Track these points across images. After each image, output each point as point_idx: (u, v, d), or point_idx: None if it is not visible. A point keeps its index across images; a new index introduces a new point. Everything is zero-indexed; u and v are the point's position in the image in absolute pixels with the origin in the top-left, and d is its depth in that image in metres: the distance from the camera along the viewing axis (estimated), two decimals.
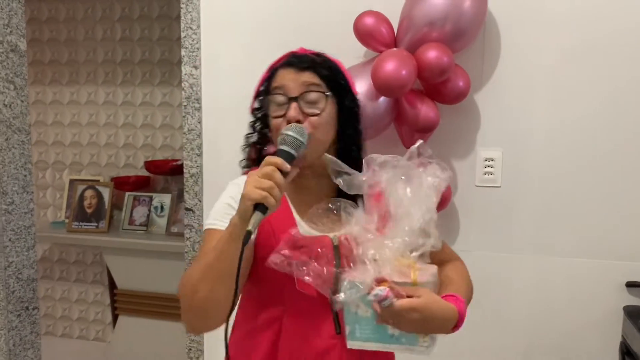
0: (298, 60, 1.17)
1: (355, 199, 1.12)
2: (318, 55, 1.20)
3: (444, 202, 1.80)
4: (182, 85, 2.08)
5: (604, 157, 1.80)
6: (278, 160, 1.01)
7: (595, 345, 1.85)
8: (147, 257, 3.08)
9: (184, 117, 2.10)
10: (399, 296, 1.01)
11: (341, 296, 1.03)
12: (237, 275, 0.96)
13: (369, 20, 1.72)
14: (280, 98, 1.14)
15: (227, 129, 2.03)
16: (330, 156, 1.10)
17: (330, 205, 1.11)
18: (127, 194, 3.22)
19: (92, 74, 3.53)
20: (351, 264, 1.06)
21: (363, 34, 1.73)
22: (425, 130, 1.68)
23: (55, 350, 3.43)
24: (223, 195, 1.19)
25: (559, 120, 1.81)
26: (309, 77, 1.14)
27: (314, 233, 1.14)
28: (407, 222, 1.04)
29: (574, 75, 1.79)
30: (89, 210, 3.24)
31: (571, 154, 1.82)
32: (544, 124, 1.82)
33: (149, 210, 3.17)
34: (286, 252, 1.05)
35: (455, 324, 1.08)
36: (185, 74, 2.08)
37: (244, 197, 0.98)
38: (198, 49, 2.05)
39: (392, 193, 1.06)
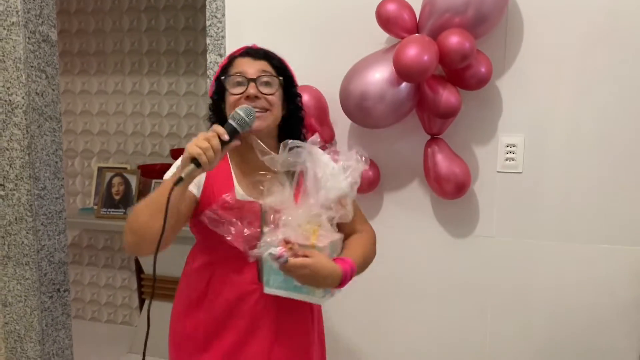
0: (254, 52, 1.42)
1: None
2: (268, 51, 1.45)
3: (462, 188, 1.82)
4: (208, 73, 2.13)
5: (627, 144, 1.79)
6: (220, 129, 1.24)
7: (618, 332, 1.85)
8: (173, 243, 3.14)
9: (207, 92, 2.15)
10: (295, 255, 1.25)
11: (253, 252, 1.30)
12: (166, 211, 1.17)
13: (391, 7, 1.73)
14: (240, 79, 1.37)
15: None
16: (255, 139, 1.34)
17: (263, 176, 1.35)
18: (154, 181, 3.28)
19: (119, 64, 3.61)
20: (271, 227, 1.32)
21: (385, 20, 1.75)
22: (446, 115, 1.70)
23: (85, 333, 3.53)
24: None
25: (581, 106, 1.81)
26: (263, 64, 1.40)
27: (248, 199, 1.38)
28: (317, 196, 1.31)
29: (598, 60, 1.79)
30: (116, 197, 3.32)
31: (593, 140, 1.82)
32: (566, 110, 1.82)
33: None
34: (218, 211, 1.31)
35: (340, 282, 1.32)
36: (211, 62, 2.12)
37: (185, 150, 1.22)
38: (223, 37, 2.09)
39: (308, 172, 1.32)
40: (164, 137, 3.59)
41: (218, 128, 1.24)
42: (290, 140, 1.33)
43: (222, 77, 1.40)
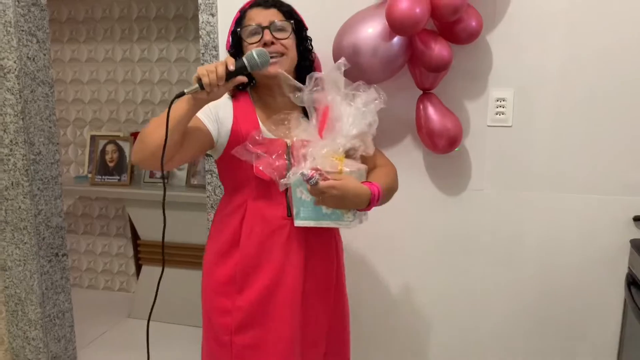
0: (263, 1, 1.52)
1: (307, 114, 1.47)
2: None
3: (454, 142, 1.86)
4: (200, 33, 2.13)
5: (615, 95, 1.83)
6: (230, 59, 1.33)
7: (604, 277, 1.93)
8: (169, 209, 3.17)
9: (202, 64, 2.16)
10: (325, 179, 1.36)
11: (283, 180, 1.39)
12: (167, 120, 1.29)
13: None
14: (254, 28, 1.47)
15: None
16: (284, 73, 1.45)
17: (286, 114, 1.47)
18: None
19: (109, 31, 3.58)
20: (298, 161, 1.40)
21: None
22: (438, 69, 1.73)
23: (83, 300, 3.58)
24: None
25: (570, 59, 1.84)
26: (274, 12, 1.50)
27: (273, 137, 1.49)
28: (342, 129, 1.39)
29: (586, 13, 1.81)
30: (110, 164, 3.34)
31: (582, 93, 1.85)
32: (555, 63, 1.85)
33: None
34: (249, 146, 1.41)
35: (369, 202, 1.42)
36: (202, 22, 2.12)
37: (198, 70, 1.31)
38: None
39: (333, 107, 1.41)
40: (156, 104, 3.59)
41: (227, 58, 1.34)
42: (317, 73, 1.43)
43: (238, 30, 1.50)
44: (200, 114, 1.44)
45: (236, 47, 1.54)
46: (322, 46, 1.90)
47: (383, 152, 1.72)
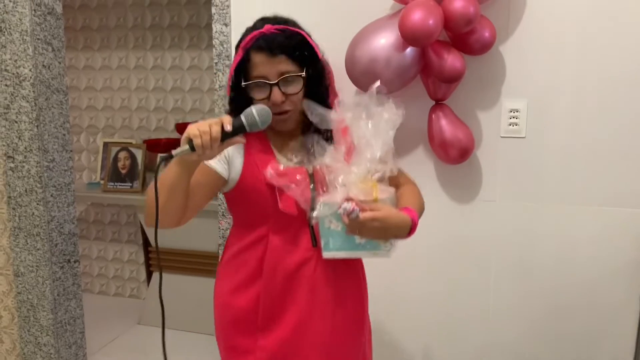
0: (268, 45, 1.29)
1: (326, 137, 1.35)
2: (284, 31, 1.32)
3: (466, 153, 1.85)
4: (213, 42, 2.14)
5: (629, 108, 1.81)
6: (226, 118, 1.18)
7: (618, 293, 1.90)
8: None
9: (215, 74, 2.17)
10: (363, 210, 1.23)
11: (316, 212, 1.26)
12: (155, 188, 1.17)
13: None
14: (261, 83, 1.29)
15: None
16: (307, 101, 1.31)
17: (305, 141, 1.35)
18: (159, 155, 3.32)
19: (123, 39, 3.62)
20: (324, 189, 1.29)
21: None
22: (451, 80, 1.72)
23: (93, 306, 3.59)
24: None
25: (584, 71, 1.83)
26: (283, 63, 1.29)
27: (292, 165, 1.35)
28: (369, 152, 1.26)
29: (602, 25, 1.80)
30: (123, 171, 3.36)
31: (595, 105, 1.84)
32: (570, 74, 1.84)
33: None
34: (272, 178, 1.29)
35: (409, 230, 1.31)
36: (216, 32, 2.14)
37: (187, 128, 1.17)
38: (228, 6, 2.10)
39: (355, 128, 1.28)
40: (168, 111, 3.61)
41: (225, 117, 1.19)
42: (345, 98, 1.32)
43: (243, 85, 1.32)
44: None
45: (238, 92, 1.35)
46: (335, 56, 1.91)
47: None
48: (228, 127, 1.16)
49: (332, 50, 1.91)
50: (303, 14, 2.02)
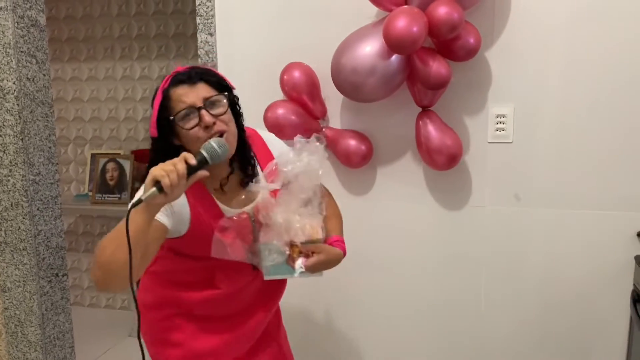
0: (186, 77, 1.32)
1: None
2: (194, 68, 1.36)
3: (454, 159, 1.85)
4: (199, 52, 2.13)
5: (617, 109, 1.81)
6: (188, 155, 1.18)
7: (608, 294, 1.89)
8: None
9: None
10: (307, 255, 1.36)
11: (268, 267, 1.38)
12: (128, 237, 1.12)
13: None
14: (188, 111, 1.29)
15: (243, 94, 2.08)
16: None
17: (236, 179, 1.41)
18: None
19: (109, 49, 3.59)
20: (264, 228, 1.37)
21: None
22: (437, 86, 1.72)
23: (84, 319, 3.55)
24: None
25: (570, 75, 1.83)
26: (203, 89, 1.32)
27: (236, 210, 1.41)
28: (300, 192, 1.36)
29: (586, 29, 1.80)
30: (111, 182, 3.33)
31: (582, 109, 1.84)
32: (556, 79, 1.84)
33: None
34: (218, 236, 1.34)
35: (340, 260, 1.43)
36: (201, 42, 2.13)
37: (150, 172, 1.15)
38: (212, 16, 2.09)
39: (284, 172, 1.36)
40: None
41: (185, 154, 1.18)
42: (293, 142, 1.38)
43: (171, 118, 1.30)
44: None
45: (167, 132, 1.33)
46: (320, 65, 1.91)
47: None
48: (193, 161, 1.17)
49: (318, 59, 1.93)
50: (287, 23, 2.03)
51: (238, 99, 1.42)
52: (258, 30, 2.07)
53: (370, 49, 1.73)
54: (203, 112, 1.29)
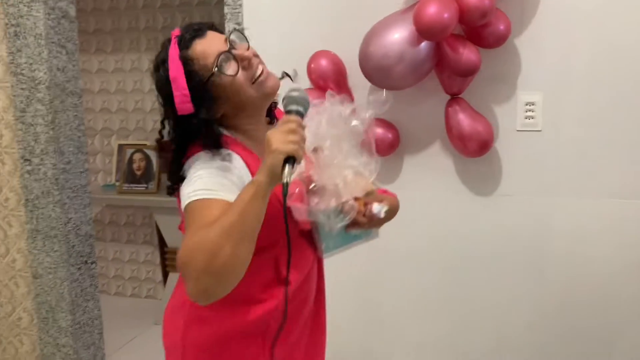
0: (193, 32, 1.16)
1: None
2: (187, 26, 1.21)
3: (485, 145, 1.84)
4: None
5: None
6: (299, 118, 1.04)
7: (635, 285, 1.87)
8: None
9: None
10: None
11: (327, 239, 1.25)
12: (286, 223, 1.02)
13: None
14: (224, 58, 1.13)
15: None
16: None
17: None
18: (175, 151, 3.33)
19: (135, 41, 3.64)
20: (317, 194, 1.20)
21: None
22: (467, 73, 1.71)
23: (110, 307, 3.61)
24: (199, 170, 1.10)
25: (598, 61, 1.81)
26: (213, 34, 1.17)
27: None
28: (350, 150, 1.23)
29: (614, 18, 1.78)
30: (138, 173, 3.38)
31: (612, 96, 1.82)
32: (584, 66, 1.83)
33: None
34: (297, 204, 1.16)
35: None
36: (228, 31, 2.13)
37: (275, 152, 0.98)
38: (240, 5, 2.11)
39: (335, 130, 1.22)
40: None
41: (294, 117, 1.04)
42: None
43: (214, 70, 1.12)
44: (229, 194, 1.05)
45: (205, 100, 1.14)
46: (347, 54, 1.91)
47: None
48: (302, 121, 1.04)
49: (345, 47, 1.92)
50: (314, 11, 2.03)
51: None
52: (285, 19, 2.07)
53: (399, 36, 1.73)
54: (242, 48, 1.14)
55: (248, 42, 1.18)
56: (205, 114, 1.13)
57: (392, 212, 1.28)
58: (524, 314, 2.01)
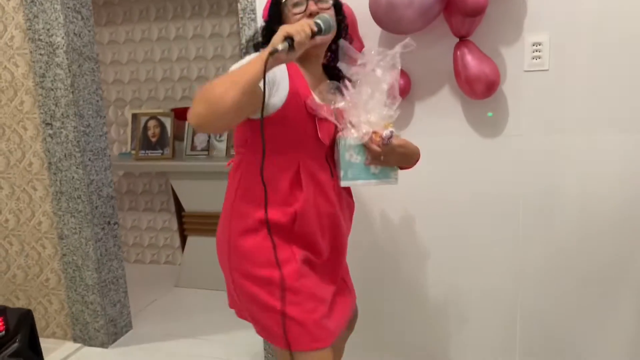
0: None
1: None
2: None
3: (492, 87, 1.89)
4: (238, 5, 2.20)
5: None
6: (310, 21, 1.35)
7: None
8: (211, 179, 3.28)
9: (241, 28, 2.23)
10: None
11: (346, 168, 1.50)
12: (264, 78, 1.26)
13: None
14: (298, 0, 1.47)
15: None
16: (346, 43, 1.53)
17: (330, 84, 1.53)
18: (187, 122, 3.40)
19: (145, 11, 3.69)
20: (345, 127, 1.50)
21: None
22: (475, 12, 1.76)
23: (130, 274, 3.70)
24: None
25: (605, 2, 1.85)
26: None
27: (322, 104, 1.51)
28: (383, 100, 1.50)
29: None
30: (153, 139, 3.46)
31: (616, 35, 1.86)
32: (590, 6, 1.87)
33: (209, 136, 3.36)
34: (315, 103, 1.47)
35: (417, 159, 1.57)
36: (240, 10, 2.19)
37: (281, 30, 1.28)
38: None
39: (372, 79, 1.49)
40: (193, 80, 3.69)
41: (308, 20, 1.37)
42: (374, 51, 1.49)
43: (283, 1, 1.49)
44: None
45: (275, 17, 1.52)
46: (357, 3, 1.96)
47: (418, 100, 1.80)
48: (315, 28, 1.34)
49: None
50: None
51: (341, 4, 1.59)
52: None
53: None
54: (311, 2, 1.46)
55: (330, 5, 1.50)
56: (270, 26, 1.50)
57: (409, 157, 1.53)
58: (539, 252, 2.08)
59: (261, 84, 1.29)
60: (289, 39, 1.27)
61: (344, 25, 1.59)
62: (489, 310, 2.18)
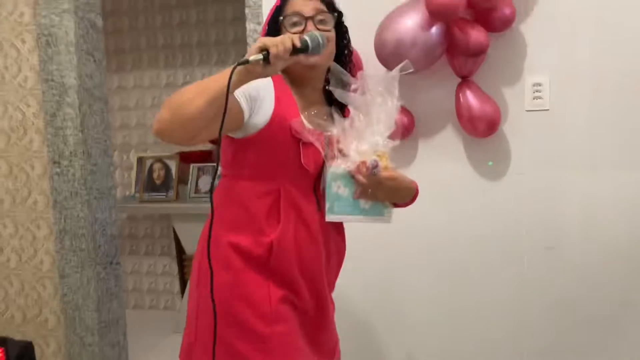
0: None
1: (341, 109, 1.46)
2: None
3: (494, 126, 1.94)
4: (247, 40, 2.28)
5: None
6: (294, 36, 1.25)
7: None
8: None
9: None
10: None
11: (332, 202, 1.37)
12: (227, 92, 1.16)
13: None
14: (297, 19, 1.40)
15: None
16: (337, 65, 1.43)
17: (321, 109, 1.43)
18: (192, 165, 3.44)
19: (154, 59, 3.80)
20: (335, 156, 1.38)
21: None
22: (476, 53, 1.83)
23: (129, 320, 3.65)
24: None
25: (602, 42, 1.93)
26: (317, 3, 1.42)
27: (312, 128, 1.41)
28: (380, 126, 1.38)
29: (619, 0, 1.90)
30: (157, 182, 3.49)
31: (615, 75, 1.93)
32: (587, 48, 1.95)
33: (213, 179, 3.39)
34: (297, 131, 1.36)
35: (413, 196, 1.44)
36: (250, 30, 2.27)
37: (258, 41, 1.20)
38: (260, 5, 2.25)
39: (368, 104, 1.38)
40: None
41: (292, 35, 1.26)
42: (366, 74, 1.39)
43: (280, 18, 1.41)
44: (238, 92, 1.27)
45: (273, 33, 1.41)
46: (363, 43, 2.03)
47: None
48: (298, 44, 1.23)
49: (361, 37, 2.02)
50: None
51: (348, 31, 1.53)
52: None
53: (411, 22, 1.85)
54: (309, 22, 1.38)
55: (331, 28, 1.42)
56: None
57: (401, 192, 1.40)
58: (542, 289, 2.07)
59: (233, 95, 1.23)
60: (265, 51, 1.18)
61: (347, 51, 1.53)
62: None
